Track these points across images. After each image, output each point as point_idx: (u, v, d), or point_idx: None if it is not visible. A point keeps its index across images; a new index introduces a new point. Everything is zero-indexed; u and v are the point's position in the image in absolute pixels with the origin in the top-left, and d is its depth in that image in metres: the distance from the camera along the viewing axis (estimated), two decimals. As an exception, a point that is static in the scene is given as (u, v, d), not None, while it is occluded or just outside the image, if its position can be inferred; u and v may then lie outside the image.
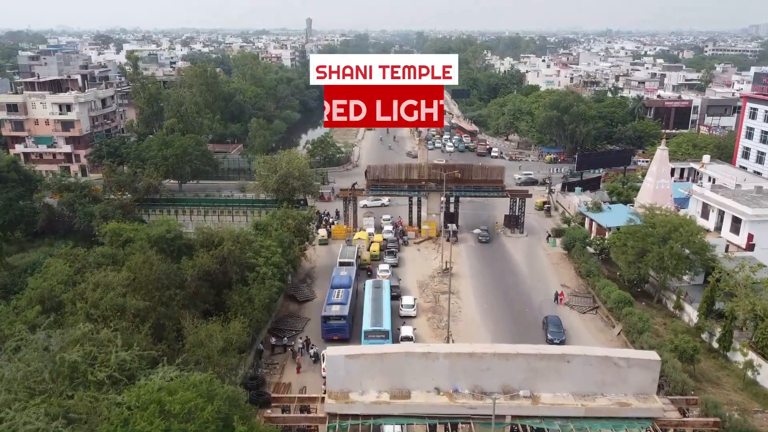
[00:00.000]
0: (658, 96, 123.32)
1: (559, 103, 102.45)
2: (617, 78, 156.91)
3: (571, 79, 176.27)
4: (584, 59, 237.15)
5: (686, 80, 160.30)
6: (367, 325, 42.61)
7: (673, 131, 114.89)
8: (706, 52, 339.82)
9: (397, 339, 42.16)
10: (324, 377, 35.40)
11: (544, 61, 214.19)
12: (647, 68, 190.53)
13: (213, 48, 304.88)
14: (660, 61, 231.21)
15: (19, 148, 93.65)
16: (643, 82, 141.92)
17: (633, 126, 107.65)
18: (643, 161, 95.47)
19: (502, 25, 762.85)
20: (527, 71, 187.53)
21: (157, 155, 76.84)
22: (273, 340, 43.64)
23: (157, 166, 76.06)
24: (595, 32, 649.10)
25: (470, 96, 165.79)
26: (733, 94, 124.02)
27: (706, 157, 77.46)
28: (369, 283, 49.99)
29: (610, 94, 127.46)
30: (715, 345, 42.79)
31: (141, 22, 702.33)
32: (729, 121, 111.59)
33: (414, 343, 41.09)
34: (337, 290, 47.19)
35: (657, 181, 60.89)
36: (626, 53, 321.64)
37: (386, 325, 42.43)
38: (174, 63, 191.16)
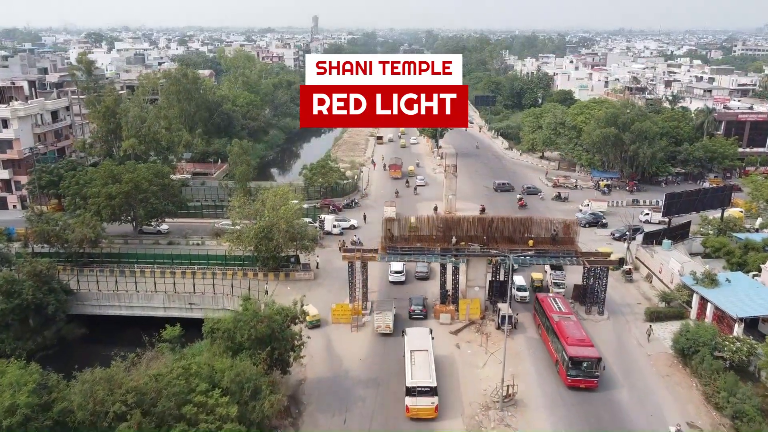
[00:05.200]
0: (725, 107, 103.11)
1: (617, 117, 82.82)
2: (667, 84, 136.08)
3: (606, 83, 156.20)
4: (612, 60, 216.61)
5: (739, 85, 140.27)
6: None
7: (747, 150, 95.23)
8: (734, 51, 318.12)
9: None
10: None
11: (572, 62, 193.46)
12: (688, 70, 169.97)
13: (212, 47, 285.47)
14: (697, 62, 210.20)
15: (-57, 174, 74.73)
16: (710, 91, 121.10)
17: (703, 144, 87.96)
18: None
19: (512, 23, 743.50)
20: (555, 74, 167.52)
21: (100, 193, 57.25)
22: None
23: (99, 208, 56.71)
24: (607, 31, 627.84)
25: (495, 103, 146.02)
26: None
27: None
28: None
29: (667, 104, 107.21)
30: None
31: (147, 20, 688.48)
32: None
33: None
34: None
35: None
36: (651, 53, 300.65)
37: None
38: (162, 63, 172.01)
